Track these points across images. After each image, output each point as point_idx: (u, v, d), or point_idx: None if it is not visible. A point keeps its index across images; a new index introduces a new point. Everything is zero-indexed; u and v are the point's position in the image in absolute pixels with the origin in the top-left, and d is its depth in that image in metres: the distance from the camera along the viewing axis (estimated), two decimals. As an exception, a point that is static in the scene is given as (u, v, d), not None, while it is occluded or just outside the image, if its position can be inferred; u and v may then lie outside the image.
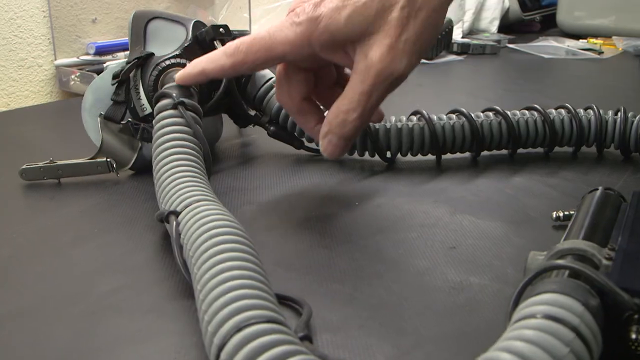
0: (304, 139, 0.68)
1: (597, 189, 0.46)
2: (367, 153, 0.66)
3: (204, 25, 0.65)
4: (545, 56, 1.38)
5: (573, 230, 0.40)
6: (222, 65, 0.51)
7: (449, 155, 0.67)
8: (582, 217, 0.42)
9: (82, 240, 0.49)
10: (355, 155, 0.66)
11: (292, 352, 0.27)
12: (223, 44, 0.64)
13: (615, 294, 0.31)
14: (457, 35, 1.46)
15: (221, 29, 0.65)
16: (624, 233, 0.38)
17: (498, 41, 1.47)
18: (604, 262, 0.35)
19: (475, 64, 1.31)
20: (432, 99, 0.99)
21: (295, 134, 0.67)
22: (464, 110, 0.66)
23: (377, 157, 0.66)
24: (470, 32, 1.56)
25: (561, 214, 0.51)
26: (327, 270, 0.44)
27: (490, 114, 0.67)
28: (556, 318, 0.29)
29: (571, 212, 0.50)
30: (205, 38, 0.63)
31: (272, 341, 0.28)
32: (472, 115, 0.66)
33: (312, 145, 0.68)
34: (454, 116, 0.66)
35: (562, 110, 0.68)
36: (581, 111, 0.69)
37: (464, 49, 1.38)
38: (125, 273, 0.44)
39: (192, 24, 0.64)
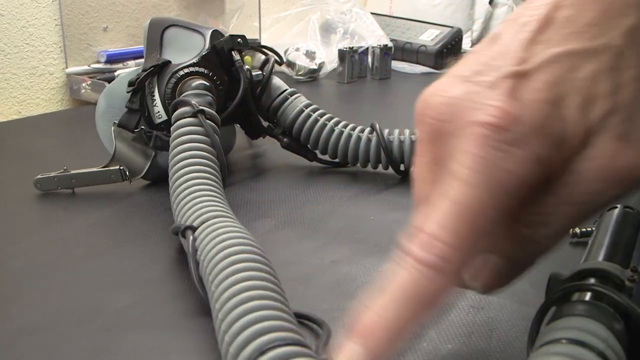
0: (317, 151, 0.67)
1: (616, 207, 0.46)
2: (380, 166, 0.65)
3: (221, 34, 0.65)
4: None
5: (593, 250, 0.39)
6: None
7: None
8: (601, 236, 0.41)
9: (96, 253, 0.49)
10: (369, 168, 0.66)
11: (316, 376, 0.27)
12: (240, 53, 0.65)
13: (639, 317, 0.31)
14: (466, 45, 1.45)
15: (239, 40, 0.65)
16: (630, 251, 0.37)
17: (508, 51, 1.46)
18: (627, 283, 0.34)
19: (485, 74, 1.30)
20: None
21: (309, 146, 0.67)
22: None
23: (390, 170, 0.65)
24: (479, 41, 1.56)
25: (578, 231, 0.50)
26: (346, 286, 0.43)
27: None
28: (582, 342, 0.28)
29: (588, 229, 0.50)
30: (224, 47, 0.63)
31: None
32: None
33: (326, 157, 0.67)
34: (468, 129, 0.65)
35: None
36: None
37: (474, 59, 1.37)
38: (141, 288, 0.44)
39: (210, 33, 0.64)
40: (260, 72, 0.69)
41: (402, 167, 0.65)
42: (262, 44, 1.11)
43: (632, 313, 0.31)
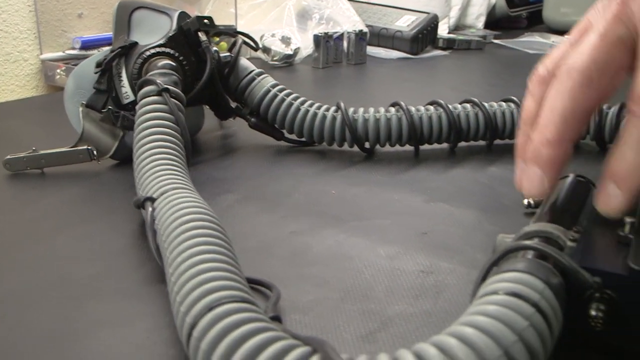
0: (284, 130, 0.68)
1: (568, 176, 0.47)
2: (346, 144, 0.67)
3: (189, 16, 0.66)
4: (530, 52, 1.39)
5: (541, 215, 0.41)
6: None
7: (427, 146, 0.68)
8: (551, 202, 0.43)
9: (64, 229, 0.50)
10: (336, 147, 0.67)
11: (261, 329, 0.28)
12: (207, 35, 0.66)
13: (577, 273, 0.32)
14: (443, 31, 1.47)
15: (205, 20, 0.66)
16: (590, 217, 0.39)
17: (484, 37, 1.48)
18: (569, 243, 0.36)
19: (460, 59, 1.32)
20: (416, 93, 1.00)
21: (276, 125, 0.68)
22: (441, 102, 0.67)
23: (356, 148, 0.67)
24: (456, 28, 1.57)
25: (532, 201, 0.52)
26: (302, 256, 0.45)
27: (468, 105, 0.68)
28: (517, 294, 0.30)
29: (542, 199, 0.51)
30: (190, 28, 0.64)
31: (242, 319, 0.29)
32: (450, 106, 0.67)
33: (293, 136, 0.68)
34: (431, 108, 0.67)
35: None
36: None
37: (449, 44, 1.39)
38: (105, 259, 0.45)
39: (177, 15, 0.65)
40: (228, 53, 0.70)
41: (367, 145, 0.66)
42: (239, 30, 1.12)
43: (569, 269, 0.32)
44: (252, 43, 0.97)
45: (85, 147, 0.61)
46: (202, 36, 0.65)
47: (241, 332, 0.28)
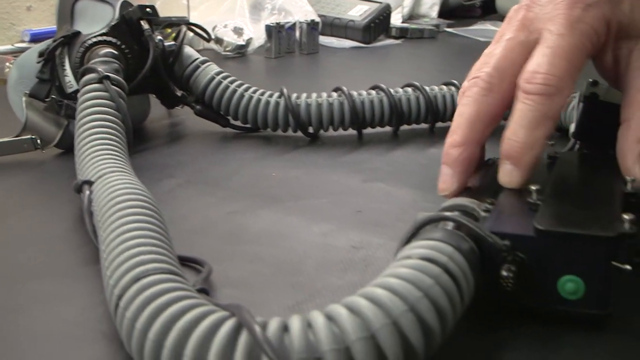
0: (229, 117, 0.69)
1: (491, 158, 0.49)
2: (290, 130, 0.68)
3: (131, 5, 0.67)
4: (482, 39, 1.41)
5: (462, 193, 0.43)
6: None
7: (370, 130, 0.69)
8: (474, 180, 0.45)
9: (5, 215, 0.50)
10: (280, 132, 0.68)
11: (183, 298, 0.29)
12: (150, 23, 0.66)
13: (487, 238, 0.34)
14: (396, 20, 1.48)
15: (148, 9, 0.67)
16: (505, 190, 0.41)
17: (437, 26, 1.50)
18: (482, 214, 0.37)
19: (412, 47, 1.34)
20: (368, 81, 1.00)
21: (221, 112, 0.69)
22: (383, 86, 0.68)
23: (301, 133, 0.68)
24: (410, 17, 1.59)
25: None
26: (238, 235, 0.46)
27: (409, 89, 0.69)
28: (427, 258, 0.31)
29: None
30: (132, 17, 0.65)
31: (165, 289, 0.30)
32: (392, 90, 0.68)
33: (238, 123, 0.69)
34: (373, 92, 0.68)
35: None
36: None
37: (402, 34, 1.40)
38: (45, 242, 0.46)
39: (119, 4, 0.66)
40: (173, 42, 0.71)
41: (310, 130, 0.68)
42: (191, 21, 1.13)
43: (479, 235, 0.34)
44: (204, 34, 0.98)
45: (29, 136, 0.61)
46: (145, 25, 0.65)
47: (163, 301, 0.29)
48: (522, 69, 0.41)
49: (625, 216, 0.32)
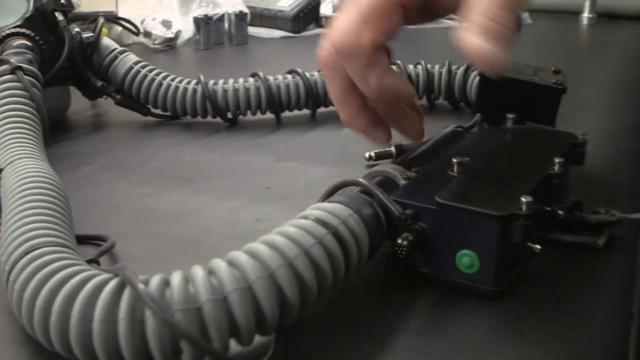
0: (149, 106, 0.71)
1: (449, 127, 0.51)
2: (210, 116, 0.69)
3: (46, -3, 0.67)
4: (410, 27, 1.44)
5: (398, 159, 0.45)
6: None
7: (290, 113, 0.71)
8: (414, 149, 0.47)
9: None
10: (199, 118, 0.69)
11: (69, 265, 0.31)
12: (64, 15, 0.67)
13: (387, 206, 0.36)
14: (327, 10, 1.50)
15: (62, 1, 0.68)
16: (436, 160, 0.42)
17: (367, 14, 1.52)
18: (402, 182, 0.39)
19: (342, 35, 1.36)
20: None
21: (141, 101, 0.70)
22: (299, 70, 0.70)
23: (220, 119, 0.69)
24: (341, 7, 1.61)
25: (373, 154, 0.56)
26: (148, 214, 0.47)
27: (325, 72, 0.71)
28: (318, 219, 0.33)
29: (382, 150, 0.56)
30: (47, 9, 0.66)
31: (53, 259, 0.31)
32: (307, 74, 0.70)
33: (158, 111, 0.71)
34: (289, 76, 0.70)
35: (393, 67, 0.73)
36: (410, 66, 0.74)
37: (332, 22, 1.42)
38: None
39: (33, -4, 0.66)
40: (91, 33, 0.72)
41: (229, 115, 0.69)
42: (120, 15, 1.13)
43: (380, 202, 0.36)
44: (132, 28, 0.98)
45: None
46: (60, 16, 0.66)
47: (49, 270, 0.30)
48: None
49: (523, 198, 0.33)
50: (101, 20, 0.73)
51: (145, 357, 0.28)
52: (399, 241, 0.35)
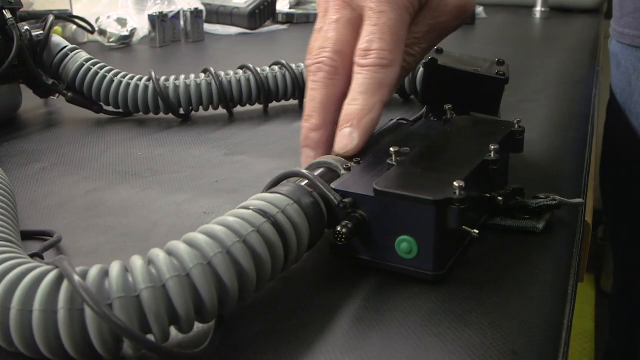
0: (101, 103, 0.70)
1: (393, 120, 0.52)
2: (162, 113, 0.69)
3: (-6, -4, 0.67)
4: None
5: None
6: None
7: (242, 109, 0.72)
8: None
9: None
10: (152, 115, 0.70)
11: (9, 259, 0.31)
12: (13, 12, 0.67)
13: (326, 195, 0.37)
14: (284, 7, 1.51)
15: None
16: (378, 151, 0.43)
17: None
18: (343, 172, 0.40)
19: (298, 32, 1.37)
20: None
21: (93, 98, 0.70)
22: (250, 65, 0.71)
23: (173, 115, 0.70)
24: (298, 3, 1.61)
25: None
26: (95, 209, 0.47)
27: (276, 67, 0.72)
28: (258, 209, 0.34)
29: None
30: None
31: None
32: (258, 69, 0.71)
33: (110, 108, 0.71)
34: (240, 72, 0.70)
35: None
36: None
37: (289, 19, 1.43)
38: None
39: (-20, -4, 0.66)
40: (41, 32, 0.71)
41: (181, 111, 0.69)
42: (74, 14, 1.12)
43: (322, 192, 0.37)
44: (87, 26, 0.98)
45: None
46: (7, 14, 0.66)
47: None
48: (356, 46, 0.44)
49: (456, 183, 0.34)
50: (51, 18, 0.72)
51: (86, 347, 0.28)
52: (339, 229, 0.36)
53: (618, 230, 1.08)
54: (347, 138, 0.43)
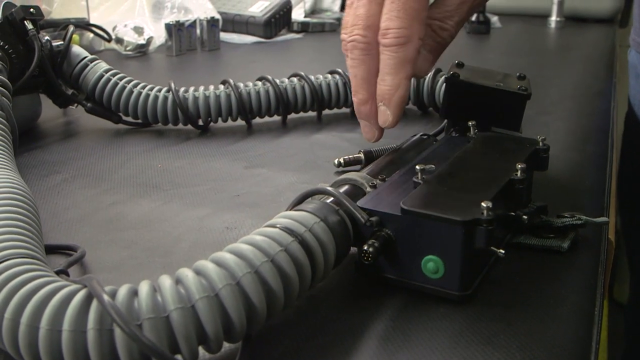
0: (120, 113, 0.71)
1: (416, 135, 0.52)
2: (181, 123, 0.69)
3: (14, 6, 0.67)
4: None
5: (367, 168, 0.45)
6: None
7: (260, 120, 0.72)
8: (384, 157, 0.48)
9: None
10: (171, 126, 0.70)
11: (37, 277, 0.31)
12: (34, 23, 0.67)
13: (352, 213, 0.37)
14: (299, 15, 1.51)
15: (31, 9, 0.68)
16: (402, 168, 0.43)
17: (338, 19, 1.53)
18: (368, 189, 0.40)
19: (314, 40, 1.37)
20: (269, 74, 1.04)
21: (112, 109, 0.70)
22: (269, 77, 0.71)
23: (191, 126, 0.70)
24: (313, 12, 1.62)
25: (342, 160, 0.56)
26: (117, 223, 0.47)
27: (295, 79, 0.72)
28: (285, 228, 0.34)
29: (350, 157, 0.56)
30: (16, 18, 0.66)
31: (22, 271, 0.32)
32: (277, 81, 0.71)
33: (129, 118, 0.71)
34: (259, 83, 0.70)
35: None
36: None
37: (304, 28, 1.43)
38: None
39: (2, 5, 0.66)
40: (61, 42, 0.71)
41: (200, 122, 0.69)
42: (91, 22, 1.13)
43: (346, 209, 0.37)
44: (104, 34, 0.98)
45: None
46: (29, 25, 0.66)
47: (17, 282, 0.30)
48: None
49: (484, 204, 0.34)
50: (71, 28, 0.72)
51: (114, 367, 0.28)
52: (365, 248, 0.36)
53: (635, 244, 1.07)
54: (383, 115, 0.48)
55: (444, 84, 0.55)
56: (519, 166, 0.40)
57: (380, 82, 0.47)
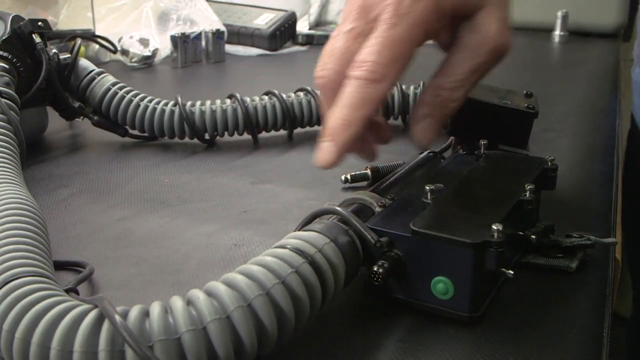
0: (127, 127, 0.71)
1: (423, 152, 0.52)
2: (187, 137, 0.69)
3: (22, 19, 0.67)
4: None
5: (374, 187, 0.45)
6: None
7: (267, 134, 0.72)
8: (391, 175, 0.48)
9: None
10: (177, 139, 0.70)
11: (48, 296, 0.31)
12: (42, 37, 0.67)
13: (362, 233, 0.37)
14: (303, 28, 1.52)
15: (40, 23, 0.68)
16: (411, 187, 0.43)
17: (343, 31, 1.53)
18: (377, 209, 0.40)
19: (318, 53, 1.36)
20: (272, 87, 1.03)
21: (119, 122, 0.70)
22: (275, 91, 0.71)
23: (198, 140, 0.70)
24: (317, 24, 1.62)
25: (349, 176, 0.56)
26: (125, 239, 0.47)
27: (301, 93, 0.72)
28: (295, 248, 0.34)
29: (357, 173, 0.56)
30: (24, 31, 0.66)
31: (32, 290, 0.32)
32: (284, 95, 0.71)
33: (135, 132, 0.71)
34: (266, 98, 0.71)
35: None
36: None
37: (308, 40, 1.43)
38: None
39: (10, 18, 0.66)
40: (68, 55, 0.72)
41: (206, 136, 0.70)
42: (97, 34, 1.13)
43: (356, 229, 0.37)
44: (110, 46, 0.98)
45: None
46: (37, 38, 0.66)
47: (28, 301, 0.30)
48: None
49: (494, 226, 0.34)
50: (79, 41, 0.73)
51: (125, 387, 0.28)
52: (375, 269, 0.36)
53: (638, 260, 1.07)
54: (324, 152, 0.42)
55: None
56: (528, 187, 0.40)
57: (333, 114, 0.42)
